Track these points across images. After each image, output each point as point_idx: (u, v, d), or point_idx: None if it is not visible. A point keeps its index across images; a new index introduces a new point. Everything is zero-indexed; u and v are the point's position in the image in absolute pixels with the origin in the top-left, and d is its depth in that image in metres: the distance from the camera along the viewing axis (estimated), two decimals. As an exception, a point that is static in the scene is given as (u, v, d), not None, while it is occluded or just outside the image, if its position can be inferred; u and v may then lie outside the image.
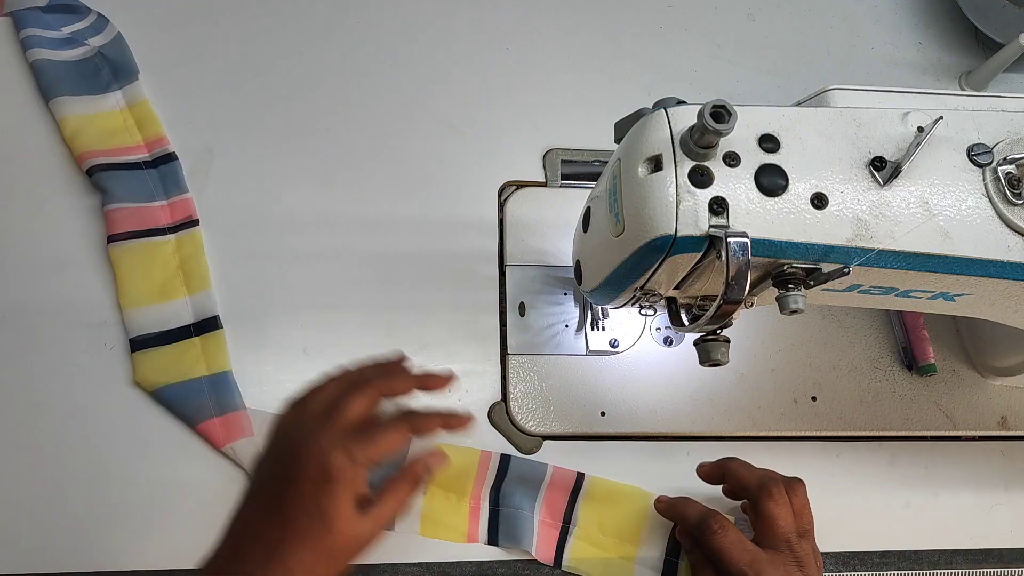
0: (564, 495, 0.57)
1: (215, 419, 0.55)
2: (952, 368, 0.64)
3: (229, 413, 0.55)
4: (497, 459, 0.57)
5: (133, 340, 0.57)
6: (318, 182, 0.64)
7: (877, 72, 0.75)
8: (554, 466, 0.57)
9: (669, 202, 0.39)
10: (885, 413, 0.62)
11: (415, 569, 0.55)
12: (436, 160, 0.66)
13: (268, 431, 0.46)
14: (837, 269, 0.41)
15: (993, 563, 0.60)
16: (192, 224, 0.60)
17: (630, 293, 0.46)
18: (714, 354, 0.50)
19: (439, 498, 0.56)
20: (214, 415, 0.55)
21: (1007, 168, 0.42)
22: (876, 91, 0.47)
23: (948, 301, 0.46)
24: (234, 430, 0.55)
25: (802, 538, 0.52)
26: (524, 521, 0.55)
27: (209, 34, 0.67)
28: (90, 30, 0.65)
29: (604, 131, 0.46)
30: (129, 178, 0.60)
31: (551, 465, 0.57)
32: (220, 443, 0.55)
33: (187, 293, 0.58)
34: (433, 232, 0.63)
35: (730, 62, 0.73)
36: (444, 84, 0.68)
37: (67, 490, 0.54)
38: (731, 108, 0.37)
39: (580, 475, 0.57)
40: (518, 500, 0.56)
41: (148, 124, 0.63)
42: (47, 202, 0.60)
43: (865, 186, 0.41)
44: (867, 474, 0.56)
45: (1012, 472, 0.63)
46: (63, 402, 0.56)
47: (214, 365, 0.57)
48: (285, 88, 0.66)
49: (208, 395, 0.56)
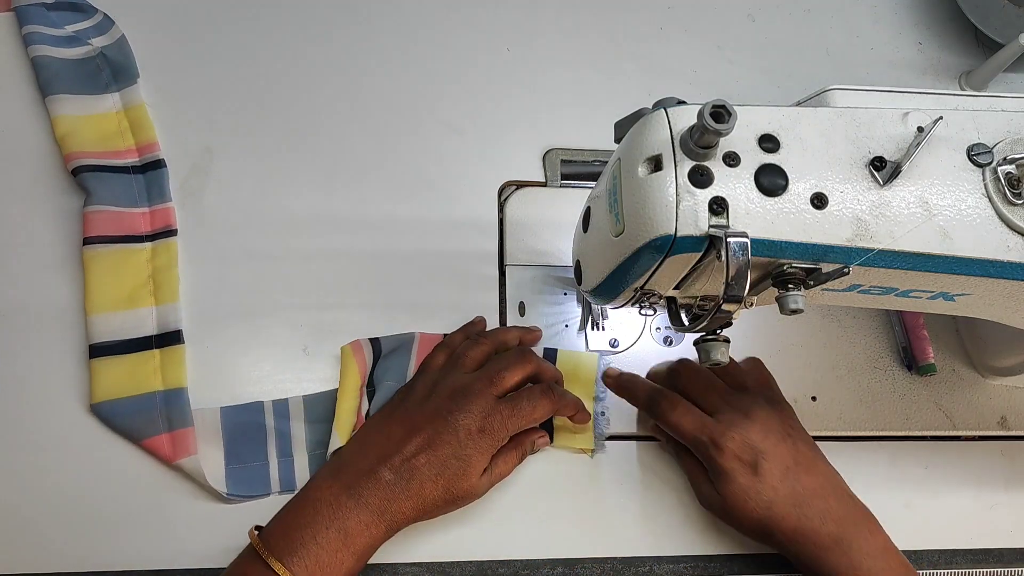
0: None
1: (163, 435, 0.54)
2: (952, 368, 0.64)
3: (178, 430, 0.54)
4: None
5: (92, 347, 0.56)
6: (318, 182, 0.64)
7: (877, 72, 0.75)
8: (420, 333, 0.59)
9: (669, 202, 0.39)
10: (885, 413, 0.62)
11: (415, 569, 0.55)
12: (436, 160, 0.66)
13: (419, 370, 0.56)
14: (837, 269, 0.41)
15: (993, 563, 0.60)
16: (170, 234, 0.60)
17: (630, 293, 0.46)
18: (714, 354, 0.50)
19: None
20: (163, 431, 0.54)
21: (1007, 168, 0.42)
22: (876, 91, 0.47)
23: (948, 301, 0.46)
24: (180, 448, 0.54)
25: (728, 404, 0.54)
26: None
27: (210, 35, 0.67)
28: (94, 30, 0.65)
29: (604, 131, 0.46)
30: (114, 181, 0.60)
31: (417, 333, 0.59)
32: (169, 459, 0.54)
33: (154, 303, 0.58)
34: (433, 232, 0.63)
35: (730, 62, 0.73)
36: (444, 84, 0.68)
37: (67, 490, 0.54)
38: (731, 108, 0.37)
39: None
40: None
41: (142, 129, 0.62)
42: (33, 200, 0.60)
43: (865, 186, 0.41)
44: (867, 474, 0.56)
45: (1012, 472, 0.63)
46: (57, 401, 0.56)
47: (171, 380, 0.55)
48: (285, 88, 0.66)
49: (160, 410, 0.54)
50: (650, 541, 0.57)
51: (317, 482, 0.50)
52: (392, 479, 0.48)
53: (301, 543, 0.46)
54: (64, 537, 0.53)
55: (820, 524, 0.50)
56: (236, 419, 0.56)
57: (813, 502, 0.51)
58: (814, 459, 0.53)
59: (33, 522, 0.53)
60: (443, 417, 0.50)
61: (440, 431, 0.50)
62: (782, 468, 0.52)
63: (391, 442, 0.50)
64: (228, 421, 0.56)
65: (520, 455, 0.55)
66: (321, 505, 0.47)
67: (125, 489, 0.54)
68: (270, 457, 0.56)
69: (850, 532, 0.50)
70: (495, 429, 0.51)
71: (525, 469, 0.58)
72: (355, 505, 0.47)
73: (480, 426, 0.50)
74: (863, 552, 0.50)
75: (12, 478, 0.54)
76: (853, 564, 0.50)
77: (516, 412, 0.51)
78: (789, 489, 0.51)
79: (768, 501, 0.51)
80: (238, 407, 0.56)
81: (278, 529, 0.47)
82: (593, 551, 0.57)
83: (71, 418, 0.55)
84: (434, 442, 0.49)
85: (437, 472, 0.49)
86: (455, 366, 0.54)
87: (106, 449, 0.55)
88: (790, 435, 0.53)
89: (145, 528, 0.54)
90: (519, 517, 0.57)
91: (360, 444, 0.51)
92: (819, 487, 0.52)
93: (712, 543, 0.58)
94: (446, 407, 0.51)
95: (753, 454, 0.52)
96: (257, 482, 0.55)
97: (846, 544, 0.50)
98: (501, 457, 0.53)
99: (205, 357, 0.58)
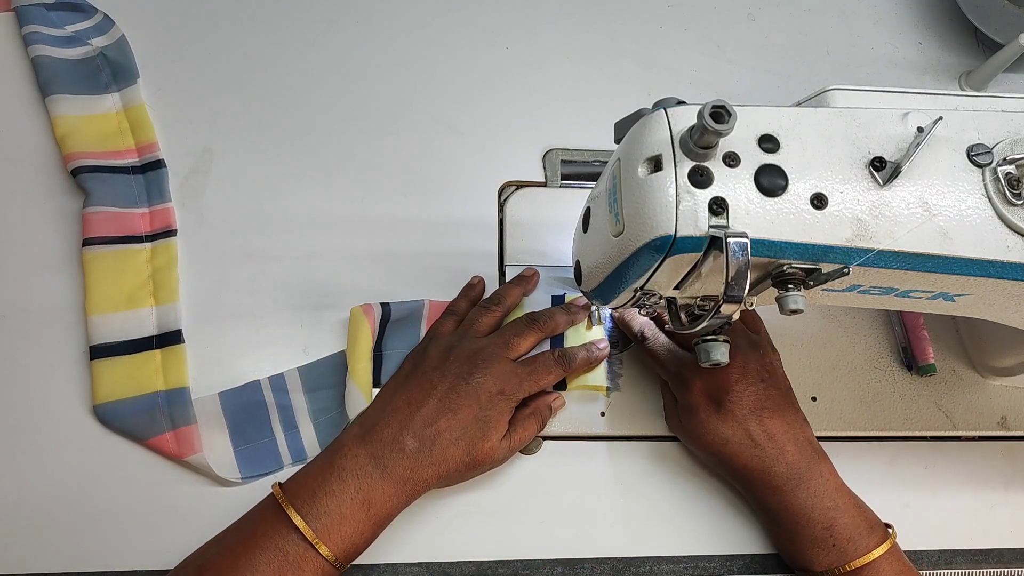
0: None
1: (168, 434, 0.54)
2: (952, 368, 0.64)
3: (182, 428, 0.54)
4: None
5: (93, 348, 0.56)
6: (318, 182, 0.64)
7: (877, 72, 0.75)
8: (429, 300, 0.60)
9: (669, 202, 0.39)
10: (885, 413, 0.62)
11: (415, 569, 0.55)
12: (436, 160, 0.66)
13: (428, 335, 0.57)
14: (837, 269, 0.41)
15: (993, 563, 0.60)
16: (170, 234, 0.60)
17: (630, 293, 0.46)
18: (714, 354, 0.50)
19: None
20: (167, 429, 0.54)
21: (1007, 168, 0.42)
22: (876, 91, 0.46)
23: (948, 301, 0.46)
24: (186, 446, 0.54)
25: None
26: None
27: (210, 35, 0.67)
28: (94, 30, 0.65)
29: (604, 131, 0.46)
30: (114, 181, 0.60)
31: (426, 300, 0.60)
32: (177, 455, 0.54)
33: (154, 304, 0.58)
34: (433, 232, 0.63)
35: (730, 62, 0.73)
36: (444, 84, 0.68)
37: (69, 490, 0.54)
38: (731, 108, 0.37)
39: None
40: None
41: (142, 129, 0.62)
42: (33, 200, 0.60)
43: (865, 186, 0.41)
44: (867, 474, 0.56)
45: (1012, 472, 0.63)
46: (55, 402, 0.56)
47: (172, 380, 0.56)
48: (285, 89, 0.66)
49: (162, 410, 0.55)
50: (650, 541, 0.57)
51: (344, 449, 0.50)
52: (415, 447, 0.49)
53: (326, 510, 0.47)
54: (66, 537, 0.53)
55: (772, 464, 0.53)
56: (236, 400, 0.56)
57: (769, 445, 0.53)
58: (783, 405, 0.55)
59: (35, 522, 0.53)
60: (464, 380, 0.51)
61: (461, 394, 0.51)
62: (745, 410, 0.54)
63: (411, 407, 0.51)
64: (228, 404, 0.56)
65: (540, 422, 0.56)
66: (347, 474, 0.48)
67: (127, 490, 0.54)
68: (276, 432, 0.56)
69: (801, 474, 0.53)
70: (513, 390, 0.52)
71: (525, 469, 0.58)
72: (380, 475, 0.48)
73: (499, 388, 0.52)
74: (811, 492, 0.52)
75: (14, 479, 0.54)
76: (799, 503, 0.52)
77: (532, 375, 0.53)
78: (748, 429, 0.53)
79: (724, 438, 0.54)
80: (235, 389, 0.57)
81: (304, 490, 0.48)
82: (593, 551, 0.57)
83: (72, 418, 0.55)
84: (455, 405, 0.51)
85: (459, 435, 0.50)
86: (467, 331, 0.55)
87: (108, 449, 0.55)
88: (764, 380, 0.55)
89: (148, 528, 0.54)
90: (519, 517, 0.57)
91: (382, 411, 0.51)
92: (780, 432, 0.54)
93: (712, 543, 0.58)
94: (465, 370, 0.52)
95: (719, 393, 0.54)
96: (268, 459, 0.55)
97: (793, 484, 0.53)
98: (520, 424, 0.54)
99: (205, 357, 0.58)
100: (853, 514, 0.52)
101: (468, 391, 0.51)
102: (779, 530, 0.55)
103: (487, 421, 0.51)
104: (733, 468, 0.54)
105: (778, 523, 0.54)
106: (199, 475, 0.55)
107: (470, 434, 0.51)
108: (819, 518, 0.52)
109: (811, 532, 0.52)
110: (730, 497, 0.59)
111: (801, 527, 0.52)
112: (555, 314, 0.58)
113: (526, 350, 0.56)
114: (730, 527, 0.58)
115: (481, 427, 0.51)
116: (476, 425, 0.51)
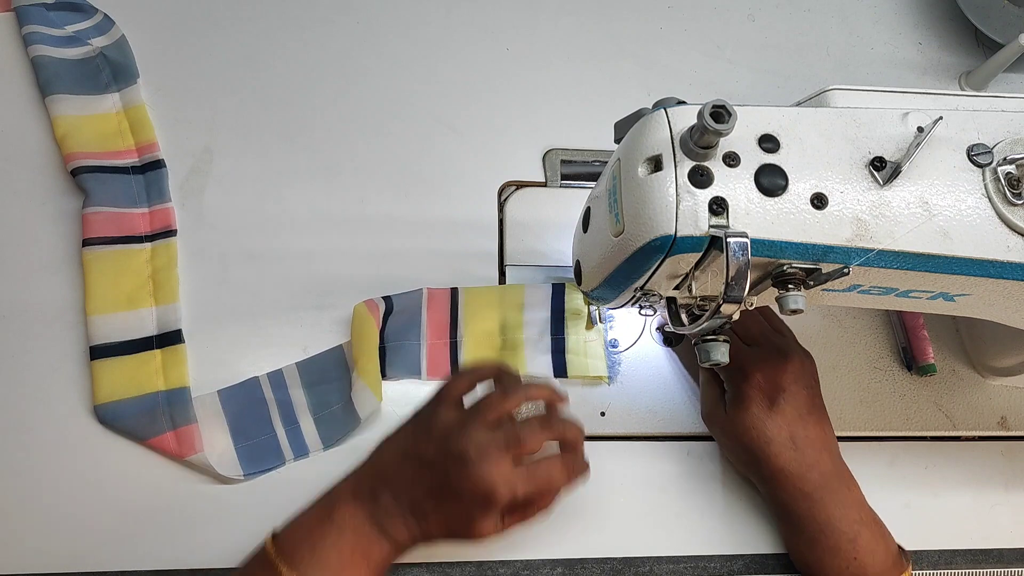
0: (445, 313, 0.60)
1: (168, 433, 0.54)
2: (952, 368, 0.64)
3: (182, 427, 0.54)
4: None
5: (93, 348, 0.56)
6: (318, 182, 0.64)
7: (877, 72, 0.75)
8: (427, 288, 0.60)
9: (669, 202, 0.39)
10: (885, 413, 0.62)
11: (415, 569, 0.55)
12: (436, 160, 0.66)
13: (439, 396, 0.51)
14: (837, 269, 0.41)
15: (993, 563, 0.60)
16: (169, 234, 0.60)
17: (630, 293, 0.46)
18: (714, 354, 0.50)
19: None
20: (167, 429, 0.54)
21: (1007, 168, 0.42)
22: (876, 91, 0.47)
23: (948, 301, 0.46)
24: (186, 445, 0.54)
25: (768, 340, 0.56)
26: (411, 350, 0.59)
27: (210, 35, 0.67)
28: (94, 30, 0.65)
29: (604, 131, 0.46)
30: (114, 181, 0.60)
31: (424, 289, 0.60)
32: (178, 455, 0.54)
33: (154, 304, 0.58)
34: (433, 232, 0.63)
35: (730, 62, 0.73)
36: (444, 84, 0.68)
37: (70, 491, 0.54)
38: (731, 108, 0.37)
39: (454, 290, 0.61)
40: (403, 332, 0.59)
41: (142, 129, 0.62)
42: (33, 200, 0.60)
43: (865, 186, 0.41)
44: (867, 474, 0.56)
45: (1012, 472, 0.63)
46: (55, 402, 0.56)
47: (173, 380, 0.56)
48: (285, 89, 0.66)
49: (163, 410, 0.55)
50: (650, 541, 0.57)
51: (340, 504, 0.48)
52: (409, 517, 0.48)
53: (327, 563, 0.46)
54: (66, 537, 0.53)
55: (807, 471, 0.53)
56: (235, 398, 0.57)
57: (808, 450, 0.54)
58: (823, 416, 0.56)
59: (35, 522, 0.53)
60: (456, 472, 0.48)
61: (451, 486, 0.48)
62: (796, 412, 0.54)
63: (403, 479, 0.49)
64: (228, 402, 0.56)
65: (539, 509, 0.52)
66: (346, 529, 0.47)
67: (127, 490, 0.54)
68: (276, 428, 0.56)
69: (832, 484, 0.54)
70: (503, 495, 0.48)
71: (525, 469, 0.58)
72: (378, 534, 0.48)
73: (487, 497, 0.47)
74: (839, 503, 0.53)
75: (15, 479, 0.54)
76: (827, 513, 0.53)
77: (530, 480, 0.49)
78: (792, 432, 0.54)
79: (770, 436, 0.53)
80: (234, 387, 0.57)
81: (304, 544, 0.47)
82: (593, 551, 0.57)
83: (73, 418, 0.55)
84: (444, 494, 0.48)
85: (444, 523, 0.49)
86: (477, 416, 0.50)
87: (108, 449, 0.55)
88: (811, 386, 0.56)
89: (148, 528, 0.54)
90: (519, 517, 0.57)
91: (380, 473, 0.50)
92: (819, 440, 0.54)
93: (712, 543, 0.58)
94: (459, 464, 0.48)
95: (775, 390, 0.54)
96: (269, 455, 0.56)
97: (824, 492, 0.53)
98: (517, 515, 0.51)
99: (205, 357, 0.58)
100: (875, 531, 0.53)
101: (458, 490, 0.47)
102: (798, 536, 0.55)
103: (470, 520, 0.48)
104: (769, 468, 0.54)
105: (799, 529, 0.54)
106: (200, 475, 0.55)
107: (455, 526, 0.49)
108: (845, 529, 0.53)
109: (833, 542, 0.53)
110: (731, 497, 0.59)
111: (825, 536, 0.53)
112: (568, 425, 0.52)
113: (533, 451, 0.50)
114: (730, 527, 0.58)
115: (464, 524, 0.48)
116: (461, 520, 0.48)
